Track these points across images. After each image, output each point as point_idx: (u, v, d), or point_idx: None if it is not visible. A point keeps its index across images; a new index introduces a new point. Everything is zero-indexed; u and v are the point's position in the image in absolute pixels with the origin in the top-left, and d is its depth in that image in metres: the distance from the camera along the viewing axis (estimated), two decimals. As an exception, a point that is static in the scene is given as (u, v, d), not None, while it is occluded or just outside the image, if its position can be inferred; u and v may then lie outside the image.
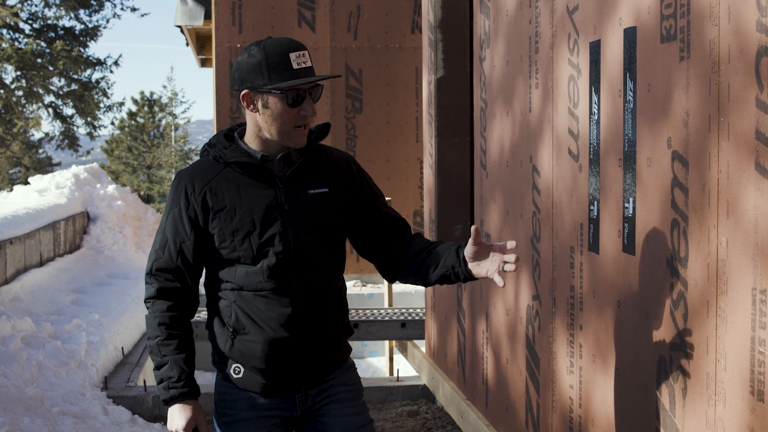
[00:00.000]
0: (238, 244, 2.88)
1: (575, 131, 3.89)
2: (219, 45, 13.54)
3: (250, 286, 2.90)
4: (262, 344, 2.91)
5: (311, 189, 2.95)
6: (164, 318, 2.94)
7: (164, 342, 2.93)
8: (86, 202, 14.01)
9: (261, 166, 2.90)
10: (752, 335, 2.54)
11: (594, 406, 3.75)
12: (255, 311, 2.90)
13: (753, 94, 2.50)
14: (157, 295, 2.96)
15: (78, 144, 32.20)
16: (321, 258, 2.95)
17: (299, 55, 2.81)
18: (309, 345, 2.95)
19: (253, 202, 2.89)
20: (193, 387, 2.95)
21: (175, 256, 2.94)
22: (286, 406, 3.01)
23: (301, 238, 2.91)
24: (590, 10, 3.70)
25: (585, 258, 3.82)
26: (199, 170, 2.96)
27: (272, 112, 2.84)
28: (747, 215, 2.54)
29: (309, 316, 2.93)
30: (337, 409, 3.05)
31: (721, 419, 2.71)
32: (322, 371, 3.02)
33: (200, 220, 2.91)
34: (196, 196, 2.91)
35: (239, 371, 2.96)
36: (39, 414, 6.13)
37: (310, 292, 2.93)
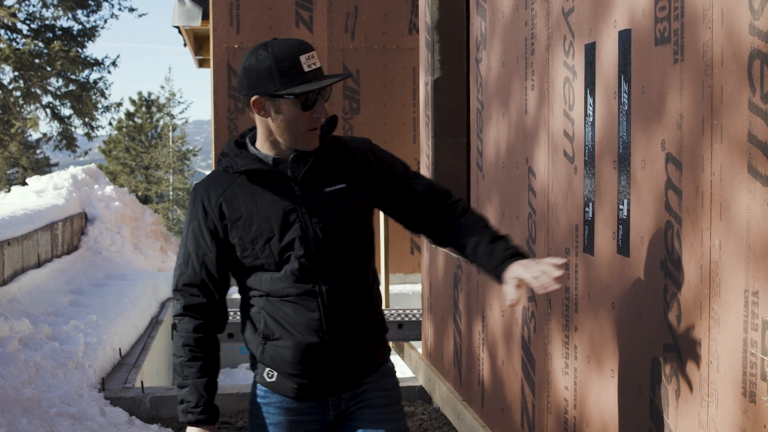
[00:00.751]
0: (260, 252, 2.84)
1: (570, 133, 3.90)
2: (217, 46, 13.54)
3: (277, 292, 2.86)
4: (291, 350, 2.86)
5: (327, 187, 2.88)
6: (189, 339, 2.91)
7: (187, 363, 2.91)
8: (84, 202, 14.02)
9: (273, 171, 2.85)
10: (744, 337, 2.55)
11: (589, 408, 3.76)
12: (283, 317, 2.86)
13: (745, 96, 2.51)
14: (183, 312, 2.93)
15: (76, 144, 32.18)
16: (346, 257, 2.88)
17: (309, 56, 2.75)
18: (340, 348, 2.89)
19: (269, 208, 2.84)
20: (211, 413, 2.92)
21: (198, 270, 2.90)
22: (319, 411, 2.97)
23: (323, 240, 2.84)
24: (585, 12, 3.71)
25: (580, 259, 3.83)
26: (213, 181, 2.92)
27: (285, 117, 2.79)
28: (739, 217, 2.55)
29: (338, 318, 2.87)
30: (371, 415, 2.99)
31: (714, 420, 2.73)
32: (356, 374, 2.97)
33: (219, 232, 2.87)
34: (212, 207, 2.87)
35: (272, 375, 2.93)
36: (36, 415, 6.14)
37: (338, 294, 2.86)
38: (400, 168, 3.03)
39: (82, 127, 31.33)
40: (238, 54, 13.65)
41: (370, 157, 2.98)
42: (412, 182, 3.00)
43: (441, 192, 3.03)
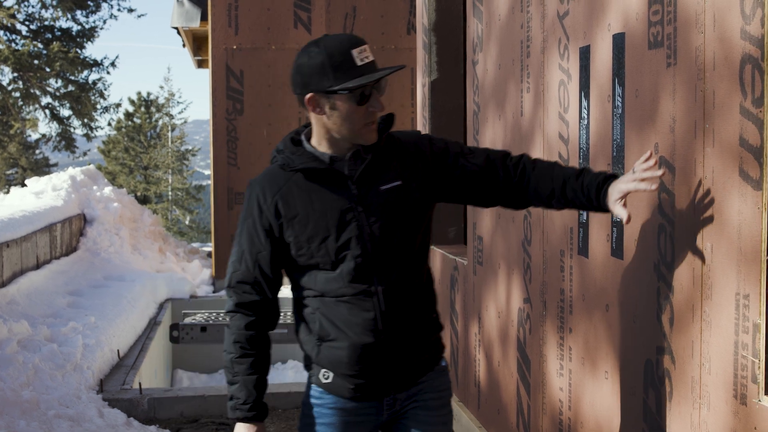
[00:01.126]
0: (315, 251, 2.81)
1: (565, 135, 3.92)
2: (215, 46, 13.56)
3: (332, 292, 2.83)
4: (347, 350, 2.84)
5: (383, 185, 2.83)
6: (240, 336, 2.89)
7: (237, 360, 2.90)
8: (83, 204, 14.01)
9: (330, 169, 2.81)
10: (735, 339, 2.56)
11: (583, 409, 3.77)
12: (339, 317, 2.83)
13: (737, 101, 2.53)
14: (235, 309, 2.91)
15: (75, 145, 32.17)
16: (402, 256, 2.85)
17: (361, 50, 2.70)
18: (397, 348, 2.87)
19: (325, 207, 2.80)
20: (260, 410, 2.91)
21: (252, 267, 2.88)
22: (373, 411, 2.95)
23: (379, 239, 2.81)
24: (580, 15, 3.72)
25: (575, 262, 3.85)
26: (269, 178, 2.88)
27: (341, 113, 2.74)
28: (731, 221, 2.57)
29: (394, 318, 2.84)
30: (424, 416, 2.98)
31: (706, 422, 2.74)
32: (412, 374, 2.94)
33: (275, 230, 2.85)
34: (268, 205, 2.84)
35: (328, 376, 2.91)
36: (35, 417, 6.15)
37: (394, 293, 2.83)
38: (455, 148, 2.96)
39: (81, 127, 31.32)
40: (237, 55, 13.67)
41: (423, 149, 2.93)
42: (469, 159, 2.93)
43: (501, 156, 2.95)
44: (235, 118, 13.83)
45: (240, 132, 13.86)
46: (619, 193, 2.67)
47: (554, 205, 2.90)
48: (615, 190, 2.69)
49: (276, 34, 13.69)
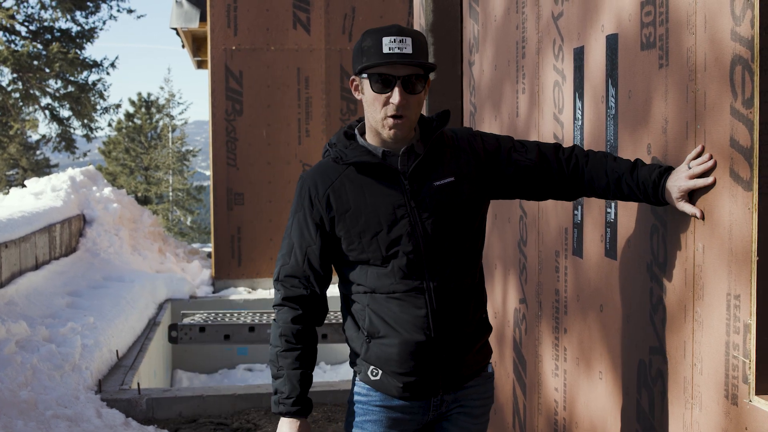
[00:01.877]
0: (366, 246, 2.80)
1: (560, 136, 3.93)
2: (214, 47, 13.57)
3: (383, 288, 2.81)
4: (398, 348, 2.82)
5: (436, 181, 2.82)
6: (286, 329, 2.87)
7: (282, 354, 2.87)
8: (82, 204, 14.04)
9: (383, 164, 2.81)
10: (727, 340, 2.57)
11: (578, 409, 3.78)
12: (389, 314, 2.82)
13: (728, 102, 2.54)
14: (282, 302, 2.90)
15: (75, 146, 32.17)
16: (454, 253, 2.84)
17: (394, 39, 2.68)
18: (447, 347, 2.85)
19: (378, 201, 2.79)
20: (305, 405, 2.87)
21: (301, 261, 2.87)
22: (420, 410, 2.94)
23: (431, 235, 2.80)
24: (574, 16, 3.73)
25: (569, 262, 3.86)
26: (321, 172, 2.87)
27: (366, 98, 2.77)
28: (722, 222, 2.58)
29: (445, 315, 2.82)
30: (465, 423, 3.00)
31: (698, 422, 2.75)
32: (461, 375, 2.94)
33: (326, 224, 2.84)
34: (320, 198, 2.83)
35: (377, 373, 2.89)
36: (32, 417, 6.16)
37: (446, 291, 2.82)
38: (506, 143, 2.97)
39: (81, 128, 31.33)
40: (236, 55, 13.68)
41: (476, 146, 2.93)
42: (522, 154, 2.94)
43: (553, 149, 2.97)
44: (235, 118, 13.84)
45: (239, 132, 13.88)
46: (680, 191, 2.70)
47: (609, 197, 2.93)
48: (675, 189, 2.71)
49: (275, 34, 13.70)
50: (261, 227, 14.04)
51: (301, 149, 13.94)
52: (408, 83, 2.71)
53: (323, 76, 13.76)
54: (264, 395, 7.54)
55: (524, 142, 2.99)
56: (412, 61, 2.68)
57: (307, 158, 13.93)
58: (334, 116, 13.81)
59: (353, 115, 13.65)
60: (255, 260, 14.03)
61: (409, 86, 2.72)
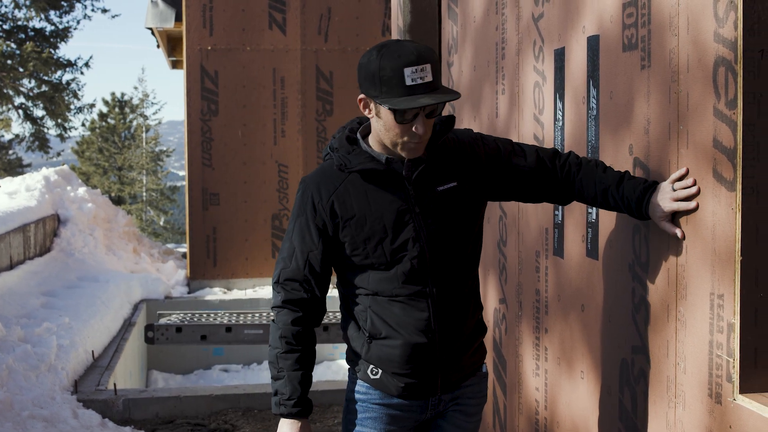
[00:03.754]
0: (371, 251, 2.81)
1: (540, 137, 3.94)
2: (190, 47, 13.53)
3: (385, 292, 2.83)
4: (399, 349, 2.85)
5: (440, 186, 2.84)
6: (286, 331, 2.88)
7: (282, 355, 2.88)
8: (56, 204, 13.94)
9: (388, 170, 2.81)
10: (710, 339, 2.59)
11: (559, 409, 3.80)
12: (391, 317, 2.84)
13: (711, 103, 2.56)
14: (282, 304, 2.90)
15: (48, 145, 31.99)
16: (457, 258, 2.87)
17: (415, 70, 2.61)
18: (447, 348, 2.88)
19: (382, 207, 2.80)
20: (305, 406, 2.89)
21: (302, 266, 2.87)
22: (418, 409, 2.97)
23: (436, 241, 2.82)
24: (555, 17, 3.75)
25: (550, 262, 3.87)
26: (324, 177, 2.87)
27: (384, 123, 2.73)
28: (705, 222, 2.60)
29: (447, 319, 2.86)
30: (460, 421, 3.03)
31: (681, 421, 2.77)
32: (459, 376, 2.98)
33: (329, 230, 2.84)
34: (323, 204, 2.82)
35: (377, 372, 2.91)
36: (8, 418, 6.12)
37: (448, 295, 2.86)
38: (506, 146, 2.98)
39: (54, 128, 31.14)
40: (212, 56, 13.64)
41: (477, 149, 2.94)
42: (520, 158, 2.96)
43: (550, 155, 2.99)
44: (210, 118, 13.80)
45: (215, 133, 13.84)
46: (663, 212, 2.74)
47: (598, 206, 2.97)
48: (658, 209, 2.75)
49: (251, 35, 13.67)
50: (236, 227, 14.00)
51: (276, 149, 13.92)
52: (430, 113, 2.71)
53: (299, 77, 13.74)
54: (241, 396, 7.53)
55: (523, 146, 3.01)
56: (437, 101, 2.62)
57: (283, 158, 13.90)
58: (309, 117, 13.79)
59: (329, 116, 13.65)
60: (230, 261, 13.99)
61: (431, 114, 2.72)
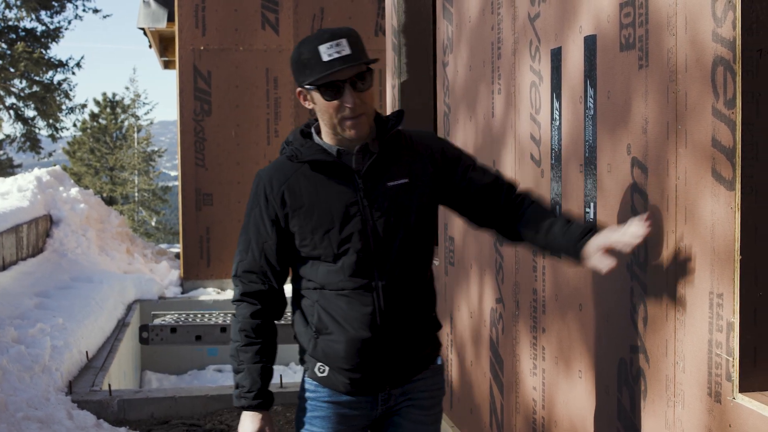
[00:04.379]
0: (318, 242, 2.83)
1: (537, 137, 3.95)
2: (182, 47, 13.51)
3: (332, 285, 2.85)
4: (344, 344, 2.85)
5: (390, 181, 2.86)
6: (246, 324, 2.91)
7: (243, 348, 2.90)
8: (49, 205, 13.91)
9: (338, 162, 2.84)
10: (709, 338, 2.60)
11: (557, 408, 3.80)
12: (337, 311, 2.85)
13: (709, 102, 2.56)
14: (241, 297, 2.93)
15: (40, 146, 31.90)
16: (404, 253, 2.86)
17: (330, 45, 2.69)
18: (394, 344, 2.88)
19: (331, 199, 2.83)
20: (266, 398, 2.91)
21: (258, 257, 2.91)
22: (368, 405, 2.97)
23: (382, 235, 2.83)
24: (551, 17, 3.75)
25: (547, 262, 3.87)
26: (276, 169, 2.91)
27: (318, 107, 2.78)
28: (704, 221, 2.60)
29: (393, 314, 2.86)
30: (416, 415, 3.02)
31: (680, 420, 2.77)
32: (408, 370, 2.96)
33: (280, 220, 2.87)
34: (274, 195, 2.86)
35: (324, 370, 2.92)
36: (3, 419, 6.10)
37: (394, 289, 2.85)
38: (468, 160, 3.00)
39: (46, 128, 31.07)
40: (204, 56, 13.62)
41: (435, 152, 2.95)
42: (476, 175, 2.97)
43: (507, 185, 2.99)
44: (203, 119, 13.78)
45: (208, 133, 13.83)
46: (598, 248, 2.74)
47: (538, 245, 2.95)
48: (594, 245, 2.75)
49: (243, 35, 13.66)
50: (230, 228, 13.99)
51: (270, 149, 13.90)
52: (356, 83, 2.74)
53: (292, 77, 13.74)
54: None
55: (486, 167, 3.04)
56: (354, 63, 2.69)
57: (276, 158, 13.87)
58: (302, 116, 13.78)
59: (322, 116, 13.66)
60: (224, 261, 13.97)
61: (358, 85, 2.74)
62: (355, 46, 2.73)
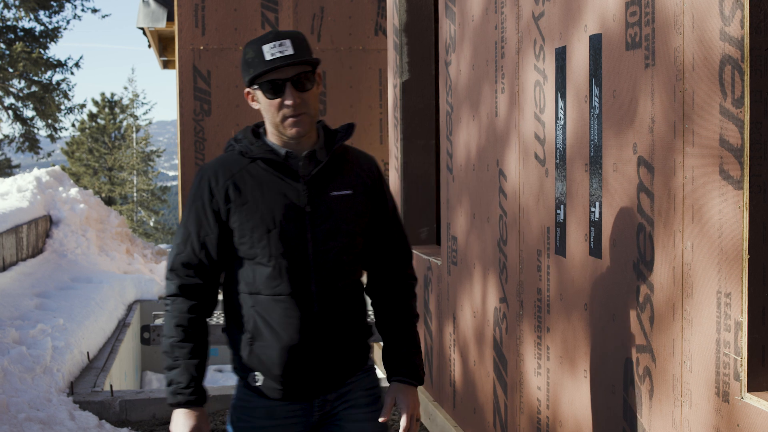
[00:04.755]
0: (257, 241, 2.82)
1: (541, 136, 3.94)
2: (182, 47, 13.50)
3: (268, 289, 2.84)
4: (279, 350, 2.85)
5: (334, 191, 2.90)
6: (182, 319, 2.88)
7: (179, 344, 2.87)
8: (48, 205, 13.89)
9: (285, 164, 2.86)
10: (717, 337, 2.59)
11: (562, 407, 3.80)
12: (273, 316, 2.85)
13: (717, 101, 2.56)
14: (178, 292, 2.90)
15: (38, 146, 31.86)
16: (340, 261, 2.89)
17: (274, 45, 2.75)
18: (328, 350, 2.90)
19: (275, 199, 2.83)
20: (201, 394, 2.88)
21: (198, 250, 2.88)
22: (304, 412, 2.96)
23: (321, 241, 2.85)
24: (556, 16, 3.75)
25: (552, 261, 3.87)
26: (222, 164, 2.91)
27: (262, 107, 2.83)
28: (712, 220, 2.60)
29: (328, 320, 2.87)
30: (356, 414, 3.01)
31: (687, 420, 2.77)
32: (341, 375, 2.98)
33: (222, 214, 2.86)
34: (219, 189, 2.86)
35: (258, 379, 2.92)
36: (5, 420, 6.09)
37: (330, 296, 2.87)
38: (390, 203, 3.07)
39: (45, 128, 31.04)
40: (204, 55, 13.61)
41: (375, 173, 3.02)
42: (389, 224, 3.06)
43: (404, 256, 3.11)
44: (203, 118, 13.77)
45: (208, 133, 13.82)
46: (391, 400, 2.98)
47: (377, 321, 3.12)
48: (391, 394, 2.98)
49: (243, 34, 13.65)
50: (230, 228, 13.95)
51: (269, 149, 13.86)
52: (297, 83, 2.78)
53: (292, 76, 13.73)
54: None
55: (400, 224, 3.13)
56: (295, 61, 2.74)
57: (276, 158, 13.86)
58: (303, 116, 13.78)
59: (322, 115, 13.63)
60: (224, 261, 13.94)
61: (299, 85, 2.79)
62: (299, 47, 2.78)
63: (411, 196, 7.05)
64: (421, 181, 7.06)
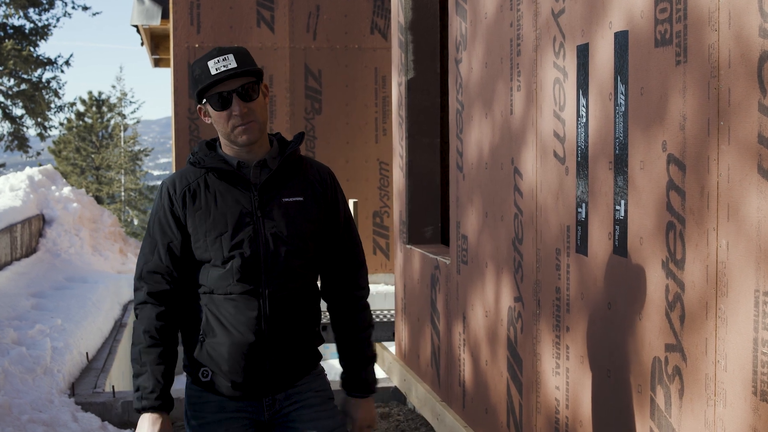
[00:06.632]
0: (210, 244, 2.96)
1: (561, 134, 3.91)
2: (177, 45, 13.44)
3: (221, 289, 2.97)
4: (228, 348, 2.97)
5: (285, 197, 3.04)
6: (150, 326, 2.98)
7: (146, 350, 2.97)
8: (41, 204, 13.84)
9: (237, 173, 2.99)
10: (755, 336, 2.57)
11: (583, 407, 3.77)
12: (224, 315, 2.97)
13: (755, 98, 2.53)
14: (146, 299, 3.01)
15: (28, 145, 31.71)
16: (291, 265, 3.01)
17: (218, 60, 2.90)
18: (276, 350, 3.01)
19: (227, 206, 2.98)
20: (167, 400, 2.97)
21: (164, 257, 3.01)
22: (253, 410, 3.07)
23: (272, 244, 2.98)
24: (577, 13, 3.72)
25: (572, 260, 3.84)
26: (180, 175, 3.06)
27: (214, 120, 2.98)
28: (749, 218, 2.57)
29: (277, 321, 2.99)
30: (307, 414, 3.10)
31: (722, 419, 2.75)
32: (289, 376, 3.08)
33: (182, 219, 3.00)
34: (177, 197, 3.01)
35: (207, 374, 3.02)
36: (8, 422, 6.04)
37: (280, 298, 2.99)
38: (344, 212, 3.20)
39: (34, 127, 30.90)
40: (199, 53, 13.54)
41: (329, 182, 3.16)
42: (340, 231, 3.18)
43: (354, 265, 3.23)
44: (197, 117, 13.71)
45: (203, 132, 13.76)
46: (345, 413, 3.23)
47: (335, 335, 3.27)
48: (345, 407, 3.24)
49: (239, 33, 13.60)
50: (224, 227, 13.91)
51: (264, 148, 13.83)
52: (243, 93, 2.93)
53: (287, 75, 13.68)
54: None
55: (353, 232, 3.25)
56: (237, 72, 2.88)
57: (271, 157, 13.82)
58: (298, 115, 13.73)
59: (318, 114, 13.59)
60: (218, 260, 13.90)
61: (245, 95, 2.93)
62: (242, 60, 2.93)
63: (416, 195, 7.02)
64: (427, 179, 7.03)
